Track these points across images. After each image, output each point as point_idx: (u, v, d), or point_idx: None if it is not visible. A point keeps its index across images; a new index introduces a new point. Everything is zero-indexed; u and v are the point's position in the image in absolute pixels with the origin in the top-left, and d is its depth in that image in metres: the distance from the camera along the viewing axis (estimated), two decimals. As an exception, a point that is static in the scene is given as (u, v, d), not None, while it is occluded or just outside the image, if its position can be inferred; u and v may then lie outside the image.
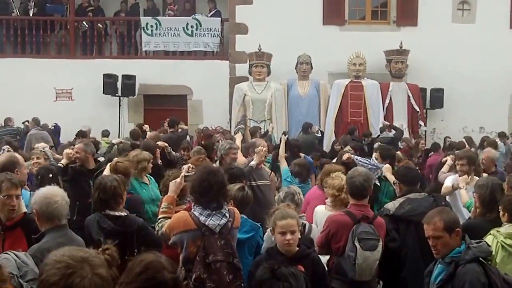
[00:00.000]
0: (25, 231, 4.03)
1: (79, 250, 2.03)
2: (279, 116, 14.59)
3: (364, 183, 4.66)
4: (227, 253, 3.95)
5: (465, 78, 14.81)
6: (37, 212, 3.76)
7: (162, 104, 15.66)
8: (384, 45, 14.70)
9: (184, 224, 3.96)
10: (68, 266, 1.93)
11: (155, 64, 15.62)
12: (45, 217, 3.75)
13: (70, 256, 1.97)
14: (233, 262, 3.98)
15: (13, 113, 13.79)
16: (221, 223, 3.96)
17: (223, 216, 4.00)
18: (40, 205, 3.75)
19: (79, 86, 15.48)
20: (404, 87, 14.83)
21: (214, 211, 3.98)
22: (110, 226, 4.40)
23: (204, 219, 3.95)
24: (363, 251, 4.31)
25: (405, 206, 4.89)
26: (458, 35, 14.92)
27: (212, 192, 3.98)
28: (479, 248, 3.54)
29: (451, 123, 15.10)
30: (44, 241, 3.67)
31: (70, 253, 1.99)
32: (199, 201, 4.04)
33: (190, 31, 15.72)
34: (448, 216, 3.70)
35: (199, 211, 3.99)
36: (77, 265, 1.93)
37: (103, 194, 4.54)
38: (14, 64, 15.47)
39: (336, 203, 5.16)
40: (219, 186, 4.02)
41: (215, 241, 3.93)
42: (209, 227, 3.93)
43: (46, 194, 3.82)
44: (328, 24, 15.42)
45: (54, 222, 3.77)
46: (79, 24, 16.42)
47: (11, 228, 4.02)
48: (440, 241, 3.62)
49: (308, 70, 14.80)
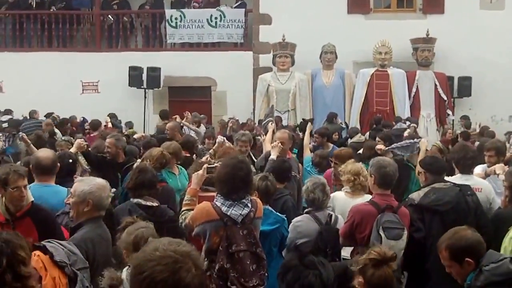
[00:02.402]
0: (34, 220, 4.03)
1: (179, 243, 1.94)
2: (303, 106, 14.54)
3: (396, 172, 4.65)
4: (250, 242, 3.95)
5: (493, 66, 14.51)
6: (92, 202, 3.75)
7: (186, 96, 15.75)
8: (410, 33, 14.50)
9: (206, 215, 3.96)
10: (176, 261, 1.84)
11: (179, 56, 15.68)
12: (97, 207, 3.78)
13: (174, 251, 1.88)
14: (256, 252, 3.97)
15: (40, 106, 13.99)
16: (243, 213, 3.95)
17: (245, 206, 3.98)
18: (99, 197, 3.78)
19: (105, 79, 15.66)
20: (431, 75, 14.62)
21: (235, 202, 3.97)
22: (142, 215, 4.45)
23: (226, 209, 3.94)
24: (388, 240, 4.27)
25: (430, 195, 4.81)
26: (486, 22, 14.59)
27: (234, 183, 3.97)
28: (493, 271, 3.07)
29: (479, 111, 14.80)
30: (85, 231, 3.71)
31: (173, 247, 1.89)
32: (221, 192, 4.04)
33: (214, 22, 15.75)
34: (458, 243, 3.25)
35: (221, 201, 3.99)
36: (183, 259, 1.86)
37: (137, 182, 4.64)
38: (41, 58, 15.70)
39: (356, 188, 5.15)
40: (241, 177, 4.00)
41: (238, 231, 3.92)
42: (231, 217, 3.92)
43: (102, 186, 3.85)
44: (353, 13, 15.27)
45: (99, 213, 3.81)
46: (105, 18, 16.57)
47: (20, 218, 4.03)
48: (452, 270, 3.30)
49: (332, 60, 14.69)
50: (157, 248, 1.88)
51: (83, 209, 3.79)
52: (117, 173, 6.31)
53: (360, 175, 5.04)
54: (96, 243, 3.68)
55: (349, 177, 5.14)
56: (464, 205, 4.74)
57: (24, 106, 14.15)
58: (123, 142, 6.82)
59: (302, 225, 4.77)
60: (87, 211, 3.78)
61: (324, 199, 4.87)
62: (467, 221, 4.71)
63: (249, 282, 3.86)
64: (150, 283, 1.81)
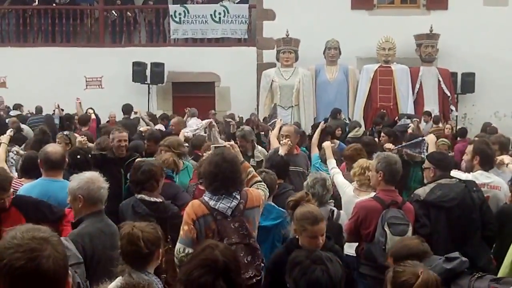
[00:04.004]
0: (20, 208, 4.08)
1: (38, 229, 1.92)
2: (307, 102, 14.54)
3: (401, 169, 4.66)
4: (243, 234, 3.94)
5: (497, 62, 14.49)
6: (83, 198, 3.78)
7: (190, 91, 15.76)
8: (414, 29, 14.49)
9: (197, 210, 3.94)
10: (33, 248, 1.83)
11: (183, 52, 15.69)
12: (90, 202, 3.79)
13: (32, 238, 1.86)
14: (249, 243, 3.97)
15: (43, 102, 13.98)
16: (231, 205, 3.93)
17: (233, 199, 3.95)
18: (88, 190, 3.78)
19: (108, 74, 15.67)
20: (434, 71, 14.62)
21: (223, 195, 3.94)
22: (145, 211, 4.49)
23: (214, 203, 3.92)
24: (393, 236, 4.26)
25: (436, 191, 4.79)
26: (490, 18, 14.57)
27: (218, 180, 3.95)
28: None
29: (483, 108, 14.81)
30: (84, 226, 3.72)
31: (31, 234, 1.88)
32: (208, 188, 4.03)
33: (217, 18, 15.73)
34: (401, 251, 3.47)
35: (209, 195, 3.98)
36: (40, 246, 1.84)
37: (140, 177, 4.64)
38: (44, 53, 15.71)
39: (363, 183, 5.12)
40: (226, 174, 3.95)
41: (229, 224, 3.91)
42: (220, 210, 3.91)
43: (91, 179, 3.85)
44: (356, 8, 15.25)
45: (96, 207, 3.82)
46: (108, 13, 16.58)
47: (6, 210, 4.06)
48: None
49: (336, 55, 14.69)
50: (15, 236, 1.87)
51: (78, 206, 3.82)
52: (120, 169, 6.26)
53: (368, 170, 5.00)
54: (94, 238, 3.67)
55: (359, 170, 5.14)
56: (470, 201, 4.73)
57: (27, 101, 14.15)
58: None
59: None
60: (82, 207, 3.80)
61: (324, 194, 4.86)
62: (472, 217, 4.74)
63: (245, 274, 3.85)
64: (8, 271, 1.80)
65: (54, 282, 1.85)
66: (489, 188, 5.13)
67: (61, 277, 1.88)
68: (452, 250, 4.58)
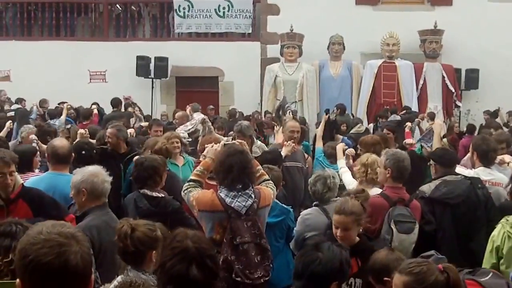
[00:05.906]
0: (27, 200, 4.10)
1: (63, 225, 1.88)
2: (311, 97, 14.55)
3: (410, 166, 4.63)
4: (254, 234, 3.93)
5: (501, 59, 14.48)
6: (86, 191, 3.82)
7: (194, 86, 15.77)
8: (418, 25, 14.48)
9: (211, 205, 3.93)
10: (61, 243, 1.78)
11: (187, 46, 15.69)
12: (94, 195, 3.83)
13: (59, 233, 1.80)
14: (261, 243, 3.96)
15: (47, 95, 13.98)
16: (247, 204, 3.92)
17: (249, 197, 3.94)
18: (92, 183, 3.83)
19: (112, 68, 15.68)
20: (438, 67, 14.61)
21: (239, 192, 3.93)
22: (146, 206, 4.51)
23: (230, 200, 3.90)
24: (399, 234, 4.25)
25: (441, 188, 4.79)
26: (495, 14, 14.55)
27: (233, 172, 3.93)
28: None
29: (486, 104, 14.78)
30: (90, 219, 3.76)
31: (57, 229, 1.82)
32: (224, 183, 4.00)
33: (222, 12, 15.73)
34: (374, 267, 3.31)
35: (225, 192, 3.95)
36: (68, 242, 1.79)
37: (142, 172, 4.65)
38: (48, 47, 15.72)
39: (363, 179, 5.05)
40: (240, 166, 3.95)
41: (242, 223, 3.90)
42: (235, 209, 3.90)
43: (94, 173, 3.89)
44: (361, 4, 15.24)
45: (100, 200, 3.86)
46: (113, 7, 16.58)
47: (13, 201, 4.09)
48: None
49: (340, 51, 14.68)
50: (41, 231, 1.81)
51: (81, 199, 3.86)
52: (120, 164, 6.23)
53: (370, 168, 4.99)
54: (101, 230, 3.71)
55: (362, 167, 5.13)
56: (475, 198, 4.73)
57: (31, 95, 14.13)
58: (125, 132, 6.71)
59: (311, 218, 4.69)
60: (85, 200, 3.84)
61: (324, 192, 4.79)
62: (477, 214, 4.76)
63: (254, 273, 3.86)
64: (35, 267, 1.74)
65: (81, 279, 1.81)
66: (490, 185, 5.11)
67: (88, 273, 1.84)
68: (456, 247, 4.66)
